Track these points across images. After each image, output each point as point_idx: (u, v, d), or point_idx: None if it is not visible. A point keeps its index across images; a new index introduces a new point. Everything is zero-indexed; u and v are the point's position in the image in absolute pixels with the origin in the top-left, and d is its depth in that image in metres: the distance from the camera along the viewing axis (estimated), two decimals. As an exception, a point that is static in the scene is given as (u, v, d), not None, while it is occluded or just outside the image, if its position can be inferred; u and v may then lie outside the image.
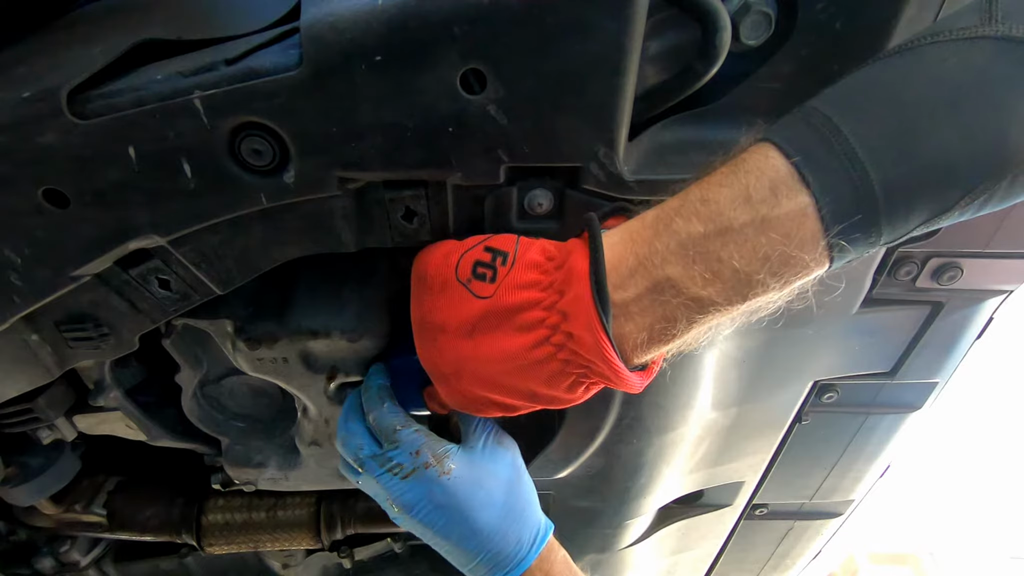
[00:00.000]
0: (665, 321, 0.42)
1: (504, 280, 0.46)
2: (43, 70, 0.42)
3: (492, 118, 0.43)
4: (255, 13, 0.45)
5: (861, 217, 0.37)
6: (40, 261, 0.47)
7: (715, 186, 0.40)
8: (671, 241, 0.41)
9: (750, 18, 0.45)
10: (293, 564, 1.11)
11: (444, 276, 0.49)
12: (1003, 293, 0.73)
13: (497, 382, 0.49)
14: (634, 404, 0.72)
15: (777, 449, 0.94)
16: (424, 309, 0.51)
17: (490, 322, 0.47)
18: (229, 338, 0.62)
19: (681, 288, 0.41)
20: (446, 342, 0.50)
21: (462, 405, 0.54)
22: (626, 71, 0.41)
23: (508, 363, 0.47)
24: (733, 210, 0.39)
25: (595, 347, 0.42)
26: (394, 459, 0.55)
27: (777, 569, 1.28)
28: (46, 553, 0.95)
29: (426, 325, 0.51)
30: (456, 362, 0.50)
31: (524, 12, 0.38)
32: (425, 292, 0.51)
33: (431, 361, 0.52)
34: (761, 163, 0.39)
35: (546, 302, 0.44)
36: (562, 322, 0.44)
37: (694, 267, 0.40)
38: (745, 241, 0.39)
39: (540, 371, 0.46)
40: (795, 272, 0.39)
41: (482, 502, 0.55)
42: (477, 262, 0.48)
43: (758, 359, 0.76)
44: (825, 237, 0.38)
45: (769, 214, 0.38)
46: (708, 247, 0.39)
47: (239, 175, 0.44)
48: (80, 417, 0.72)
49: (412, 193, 0.50)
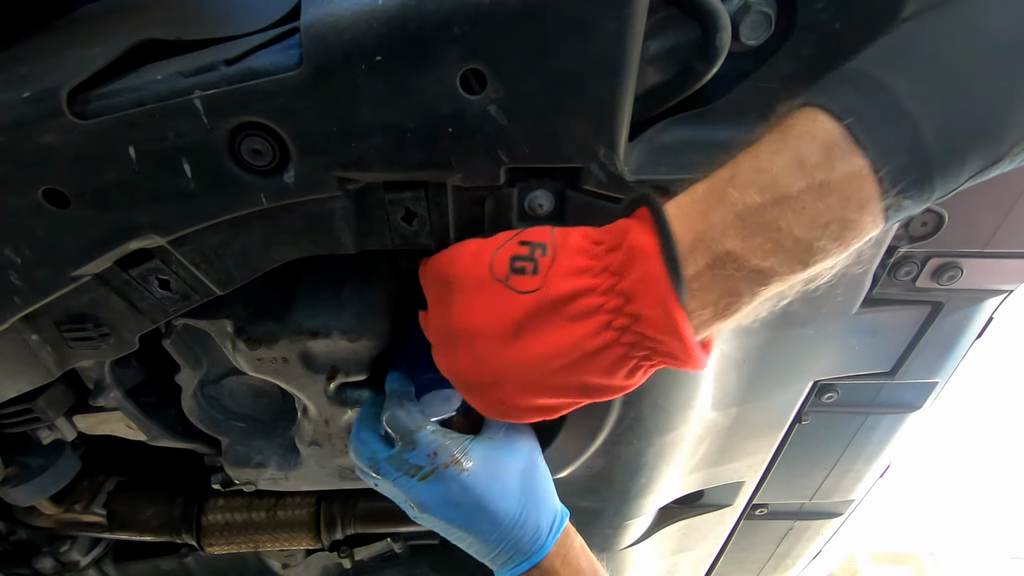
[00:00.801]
0: (728, 296, 0.41)
1: (550, 271, 0.44)
2: (43, 70, 0.42)
3: (492, 118, 0.43)
4: (255, 13, 0.45)
5: (916, 176, 0.37)
6: (40, 261, 0.47)
7: (766, 154, 0.39)
8: (728, 214, 0.39)
9: (750, 18, 0.44)
10: (293, 564, 1.11)
11: (478, 275, 0.46)
12: (1003, 293, 0.73)
13: (546, 383, 0.46)
14: (634, 404, 0.72)
15: (777, 449, 0.94)
16: (454, 315, 0.47)
17: (540, 317, 0.44)
18: (229, 338, 0.62)
19: (743, 261, 0.39)
20: (485, 348, 0.46)
21: (500, 414, 0.51)
22: (626, 71, 0.41)
23: (563, 358, 0.44)
24: (788, 177, 0.38)
25: (667, 324, 0.40)
26: (411, 460, 0.55)
27: (777, 569, 1.28)
28: (46, 553, 0.95)
29: (454, 333, 0.48)
30: (497, 369, 0.46)
31: (524, 12, 0.38)
32: (454, 296, 0.47)
33: (463, 372, 0.49)
34: (810, 127, 0.38)
35: (602, 287, 0.42)
36: (625, 304, 0.42)
37: (754, 239, 0.39)
38: (803, 208, 0.38)
39: (599, 361, 0.44)
40: (854, 235, 0.39)
41: (500, 494, 0.55)
42: (514, 256, 0.45)
43: (758, 359, 0.76)
44: (883, 198, 0.37)
45: (826, 179, 0.37)
46: (766, 217, 0.38)
47: (239, 175, 0.44)
48: (80, 417, 0.72)
49: (412, 194, 0.50)
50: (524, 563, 0.56)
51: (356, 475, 0.79)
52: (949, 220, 0.64)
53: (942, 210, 0.63)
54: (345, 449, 0.75)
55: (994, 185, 0.61)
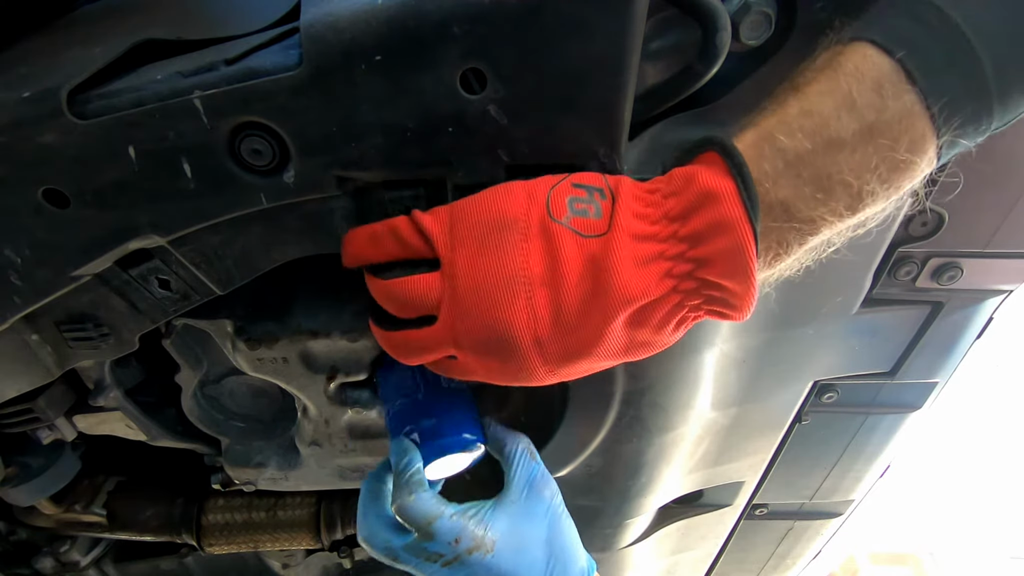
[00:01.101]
0: (778, 246, 0.39)
1: (616, 212, 0.41)
2: (43, 70, 0.42)
3: (492, 118, 0.43)
4: (255, 13, 0.45)
5: (974, 107, 0.35)
6: (40, 261, 0.47)
7: (815, 95, 0.37)
8: (778, 161, 0.37)
9: (750, 18, 0.45)
10: (293, 564, 1.11)
11: (538, 218, 0.42)
12: (1003, 293, 0.73)
13: (600, 338, 0.42)
14: (633, 403, 0.72)
15: (777, 449, 0.94)
16: (514, 261, 0.42)
17: (605, 263, 0.40)
18: (229, 338, 0.62)
19: (793, 212, 0.38)
20: (548, 298, 0.41)
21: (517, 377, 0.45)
22: (626, 71, 0.41)
23: (626, 307, 0.40)
24: (839, 120, 0.36)
25: (739, 266, 0.38)
26: (431, 549, 0.51)
27: (777, 569, 1.28)
28: (46, 553, 0.94)
29: (513, 281, 0.42)
30: (559, 321, 0.42)
31: (524, 12, 0.38)
32: (511, 240, 0.42)
33: (507, 327, 0.42)
34: (861, 64, 0.36)
35: (662, 233, 0.40)
36: (688, 250, 0.39)
37: (805, 187, 0.37)
38: (854, 152, 0.36)
39: (653, 311, 0.41)
40: (906, 176, 0.37)
41: (527, 566, 0.52)
42: (572, 199, 0.42)
43: (758, 359, 0.76)
44: (937, 135, 0.35)
45: (877, 120, 0.35)
46: (817, 163, 0.37)
47: (239, 175, 0.44)
48: (80, 417, 0.72)
49: (412, 193, 0.50)
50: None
51: (356, 475, 0.80)
52: (949, 220, 0.64)
53: (942, 210, 0.63)
54: (345, 449, 0.75)
55: (994, 185, 0.62)
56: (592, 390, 0.68)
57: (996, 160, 0.59)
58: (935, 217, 0.63)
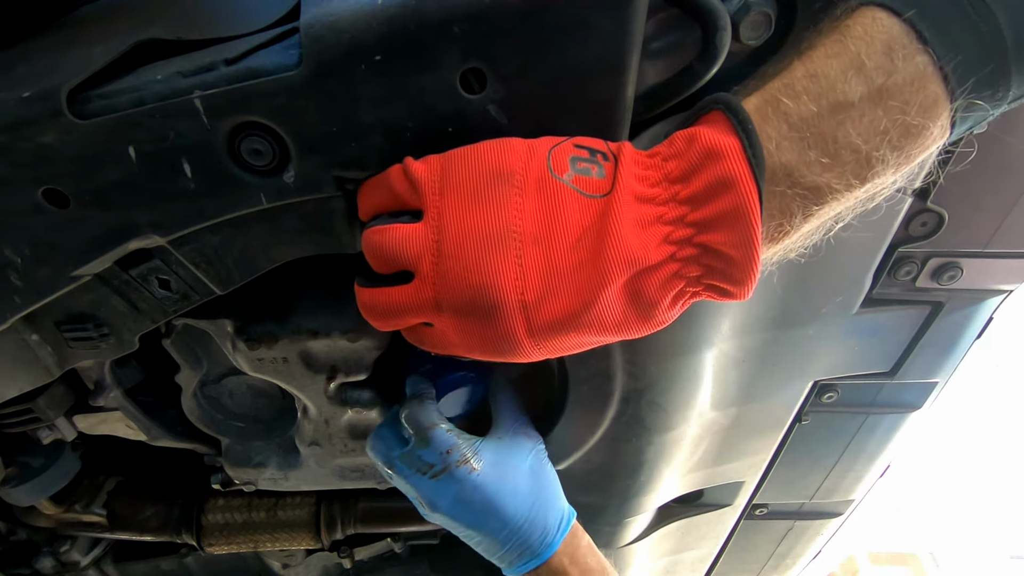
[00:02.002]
0: (781, 215, 0.38)
1: (619, 173, 0.39)
2: (43, 70, 0.42)
3: (492, 118, 0.43)
4: (255, 13, 0.45)
5: (991, 68, 0.33)
6: (40, 261, 0.47)
7: (821, 59, 0.36)
8: (782, 125, 0.36)
9: (750, 18, 0.44)
10: (293, 564, 1.11)
11: (537, 172, 0.40)
12: (1003, 293, 0.73)
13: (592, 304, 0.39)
14: (632, 402, 0.72)
15: (777, 449, 0.94)
16: (507, 215, 0.40)
17: (605, 223, 0.39)
18: (229, 338, 0.62)
19: (797, 177, 0.36)
20: (538, 257, 0.39)
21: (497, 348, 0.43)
22: (626, 71, 0.41)
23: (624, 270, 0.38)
24: (846, 83, 0.35)
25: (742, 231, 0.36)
26: (424, 458, 0.55)
27: (777, 569, 1.28)
28: (46, 553, 0.95)
29: (504, 236, 0.39)
30: (547, 284, 0.40)
31: (524, 12, 0.38)
32: (505, 193, 0.40)
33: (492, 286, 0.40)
34: (869, 27, 0.35)
35: (661, 197, 0.39)
36: (689, 213, 0.38)
37: (810, 152, 0.36)
38: (862, 116, 0.35)
39: (650, 281, 0.39)
40: (917, 143, 0.36)
41: (509, 493, 0.56)
42: (574, 157, 0.40)
43: (758, 359, 0.76)
44: (951, 99, 0.34)
45: (887, 83, 0.34)
46: (823, 127, 0.35)
47: (239, 175, 0.44)
48: (80, 417, 0.72)
49: (412, 193, 0.50)
50: (532, 561, 0.57)
51: (356, 475, 0.80)
52: (949, 220, 0.64)
53: (942, 210, 0.63)
54: (345, 449, 0.75)
55: (994, 185, 0.62)
56: (592, 388, 0.69)
57: (996, 160, 0.59)
58: (935, 217, 0.63)
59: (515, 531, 0.56)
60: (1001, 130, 0.54)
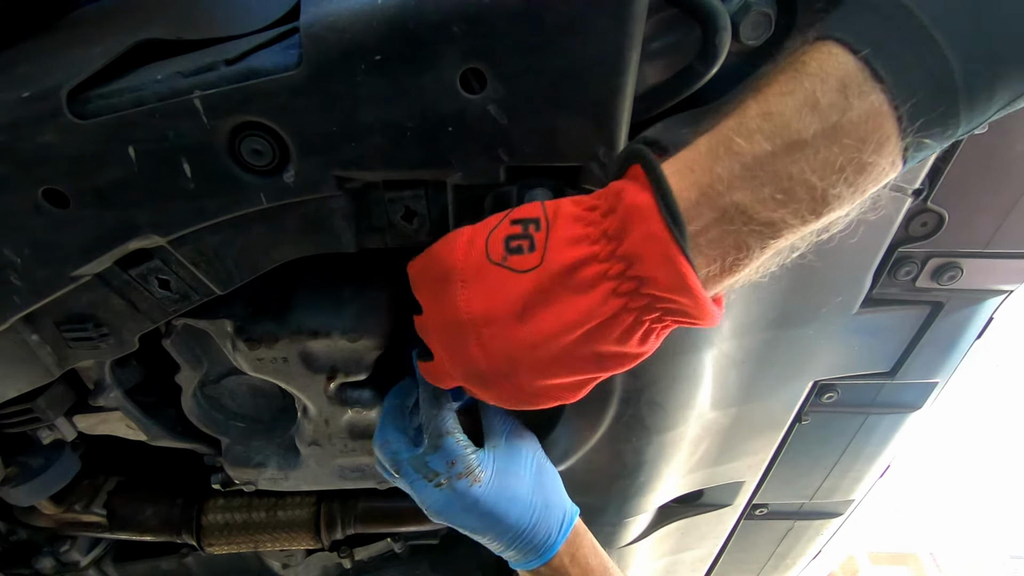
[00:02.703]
0: (736, 251, 0.39)
1: (548, 244, 0.41)
2: (43, 70, 0.42)
3: (492, 118, 0.43)
4: (255, 13, 0.45)
5: (942, 109, 0.34)
6: (40, 261, 0.47)
7: (776, 96, 0.36)
8: (734, 164, 0.37)
9: (750, 18, 0.44)
10: (293, 564, 1.11)
11: (475, 263, 0.44)
12: (1003, 293, 0.73)
13: (561, 360, 0.44)
14: (632, 403, 0.72)
15: (777, 449, 0.94)
16: (457, 307, 0.45)
17: (545, 294, 0.42)
18: (229, 338, 0.62)
19: (751, 214, 0.37)
20: (493, 335, 0.44)
21: (519, 403, 0.49)
22: (626, 71, 0.41)
23: (574, 331, 0.42)
24: (801, 120, 0.35)
25: (676, 282, 0.38)
26: (430, 465, 0.56)
27: (777, 569, 1.28)
28: (46, 553, 0.94)
29: (462, 325, 0.45)
30: (510, 354, 0.44)
31: (524, 12, 0.38)
32: (454, 287, 0.45)
33: (473, 365, 0.46)
34: (825, 63, 0.35)
35: (602, 253, 0.40)
36: (628, 268, 0.40)
37: (763, 189, 0.36)
38: (816, 153, 0.35)
39: (611, 329, 0.42)
40: (871, 179, 0.36)
41: (511, 502, 0.56)
42: (508, 237, 0.43)
43: (758, 359, 0.76)
44: (902, 137, 0.35)
45: (841, 120, 0.34)
46: (776, 165, 0.36)
47: (239, 175, 0.44)
48: (80, 417, 0.71)
49: (412, 193, 0.50)
50: (535, 561, 0.58)
51: (356, 475, 0.80)
52: (949, 220, 0.64)
53: (942, 210, 0.63)
54: (345, 449, 0.75)
55: (994, 185, 0.62)
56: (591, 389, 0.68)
57: (996, 160, 0.59)
58: (935, 217, 0.63)
59: (518, 536, 0.57)
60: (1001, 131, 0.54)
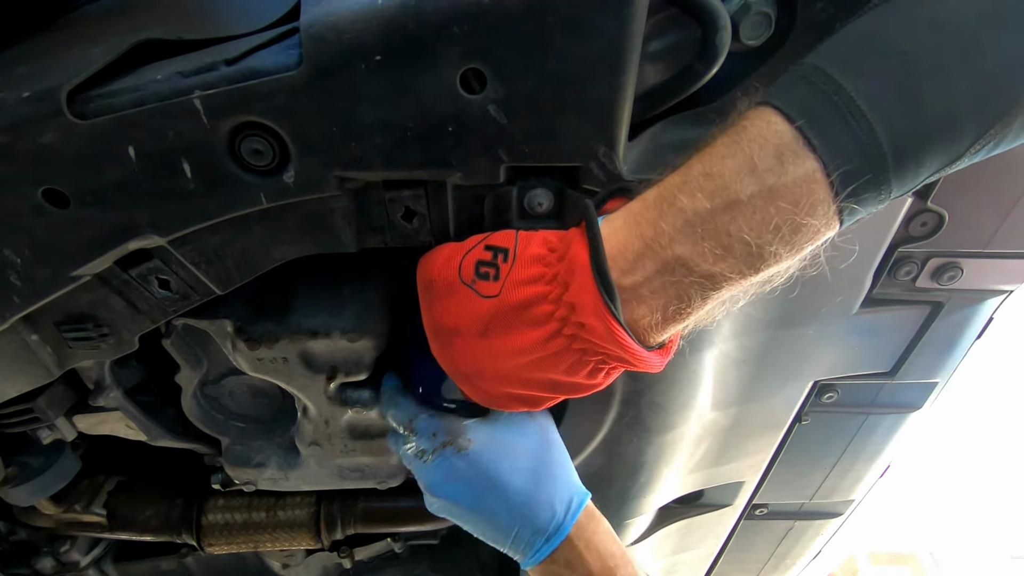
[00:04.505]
0: (678, 301, 0.41)
1: (507, 278, 0.46)
2: (43, 70, 0.42)
3: (492, 118, 0.43)
4: (255, 13, 0.45)
5: (871, 176, 0.36)
6: (40, 261, 0.47)
7: (718, 158, 0.39)
8: (677, 220, 0.39)
9: (750, 18, 0.45)
10: (293, 564, 1.11)
11: (449, 280, 0.49)
12: (1003, 293, 0.73)
13: (518, 376, 0.48)
14: (633, 404, 0.72)
15: (777, 449, 0.94)
16: (435, 314, 0.51)
17: (501, 320, 0.46)
18: (229, 338, 0.62)
19: (692, 267, 0.40)
20: (462, 344, 0.50)
21: (487, 402, 0.54)
22: (626, 71, 0.41)
23: (525, 357, 0.46)
24: (739, 182, 0.37)
25: (607, 334, 0.42)
26: (419, 446, 0.59)
27: (777, 569, 1.28)
28: (46, 553, 0.94)
29: (439, 330, 0.51)
30: (475, 362, 0.50)
31: (524, 12, 0.38)
32: (433, 298, 0.51)
33: (450, 364, 0.52)
34: (763, 130, 0.37)
35: (552, 295, 0.44)
36: (571, 314, 0.43)
37: (703, 244, 0.39)
38: (753, 213, 0.37)
39: (558, 362, 0.46)
40: (806, 238, 0.38)
41: (508, 470, 0.55)
42: (479, 262, 0.47)
43: (758, 359, 0.76)
44: (835, 201, 0.37)
45: (776, 183, 0.37)
46: (716, 222, 0.38)
47: (239, 175, 0.44)
48: (80, 417, 0.71)
49: (412, 193, 0.50)
50: (544, 545, 0.54)
51: (356, 475, 0.80)
52: (949, 220, 0.64)
53: (942, 210, 0.63)
54: (345, 449, 0.75)
55: (994, 185, 0.62)
56: (592, 390, 0.68)
57: (996, 160, 0.59)
58: (935, 217, 0.63)
59: (518, 510, 0.54)
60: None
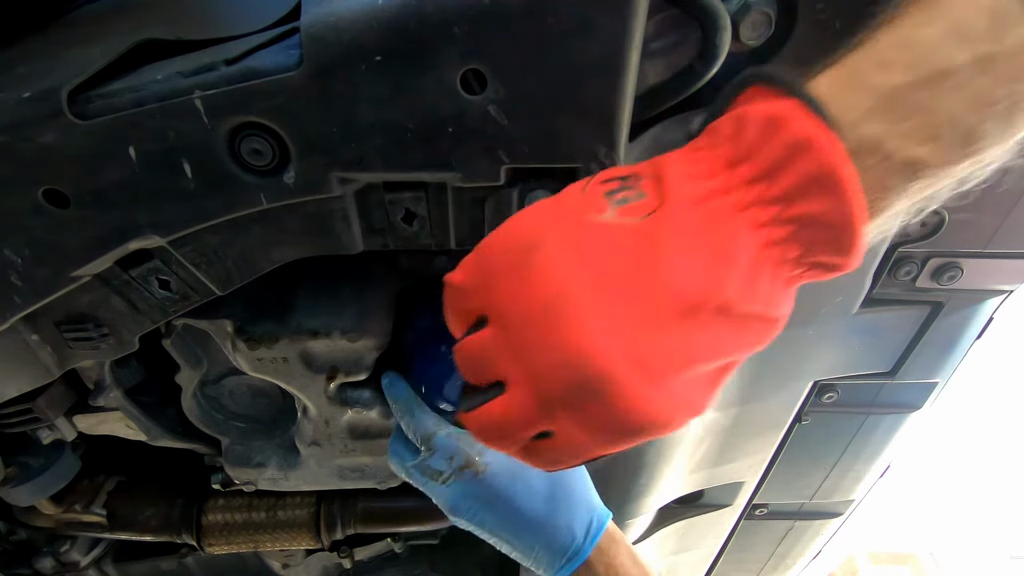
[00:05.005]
0: (873, 192, 0.33)
1: (664, 184, 0.34)
2: (43, 70, 0.42)
3: (492, 119, 0.43)
4: (255, 13, 0.45)
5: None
6: (40, 261, 0.47)
7: (912, 27, 0.33)
8: (867, 96, 0.33)
9: (750, 18, 0.45)
10: (293, 564, 1.11)
11: (574, 223, 0.35)
12: (1003, 293, 0.73)
13: (699, 335, 0.34)
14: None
15: (777, 449, 0.94)
16: (552, 282, 0.33)
17: (672, 241, 0.33)
18: (229, 338, 0.62)
19: (888, 150, 0.33)
20: (610, 306, 0.33)
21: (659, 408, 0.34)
22: (626, 71, 0.41)
23: (718, 283, 0.33)
24: (944, 49, 0.32)
25: (840, 204, 0.32)
26: (433, 466, 0.57)
27: (777, 569, 1.28)
28: (46, 553, 0.94)
29: (564, 299, 0.33)
30: (630, 334, 0.33)
31: (525, 12, 0.38)
32: (547, 259, 0.34)
33: (570, 357, 0.33)
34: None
35: (730, 183, 0.34)
36: (767, 190, 0.33)
37: (904, 123, 0.32)
38: (964, 85, 0.32)
39: (752, 276, 0.34)
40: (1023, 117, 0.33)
41: (523, 493, 0.55)
42: (608, 192, 0.35)
43: (758, 359, 0.76)
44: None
45: (992, 50, 0.31)
46: (918, 97, 0.32)
47: (239, 175, 0.44)
48: (80, 417, 0.71)
49: (412, 195, 0.50)
50: (564, 567, 0.54)
51: (356, 475, 0.80)
52: (949, 220, 0.64)
53: (942, 210, 0.63)
54: (345, 449, 0.75)
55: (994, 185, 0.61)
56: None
57: (996, 160, 0.59)
58: (935, 217, 0.63)
59: (537, 532, 0.54)
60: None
